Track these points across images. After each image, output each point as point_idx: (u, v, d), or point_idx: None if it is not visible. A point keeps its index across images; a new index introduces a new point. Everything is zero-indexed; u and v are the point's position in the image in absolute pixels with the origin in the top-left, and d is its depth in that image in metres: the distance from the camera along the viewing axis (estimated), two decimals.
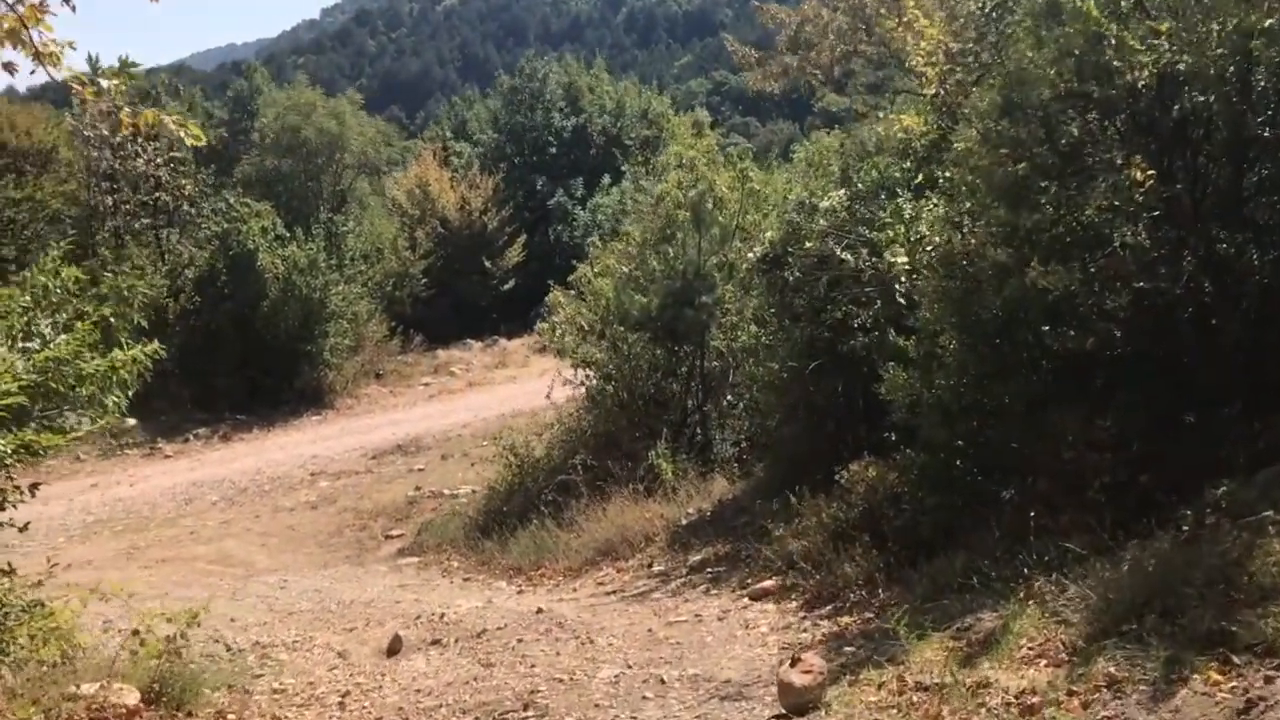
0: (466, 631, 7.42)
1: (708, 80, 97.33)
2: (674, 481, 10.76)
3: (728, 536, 8.82)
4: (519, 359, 26.49)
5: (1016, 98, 6.92)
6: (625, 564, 9.20)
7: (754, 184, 13.37)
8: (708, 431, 12.58)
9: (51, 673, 5.36)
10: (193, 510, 15.31)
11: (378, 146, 32.89)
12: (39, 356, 4.70)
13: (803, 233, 9.70)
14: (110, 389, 5.18)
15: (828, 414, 9.12)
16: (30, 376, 4.64)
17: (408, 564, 11.82)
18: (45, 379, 4.65)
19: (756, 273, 10.12)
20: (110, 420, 5.25)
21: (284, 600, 10.18)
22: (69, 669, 5.42)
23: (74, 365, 4.80)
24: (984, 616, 5.08)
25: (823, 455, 8.97)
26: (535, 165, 35.69)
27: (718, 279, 12.55)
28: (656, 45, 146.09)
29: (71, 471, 18.00)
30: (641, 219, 14.47)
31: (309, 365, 22.44)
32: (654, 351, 12.87)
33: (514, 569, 10.30)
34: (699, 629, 6.64)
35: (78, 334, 4.90)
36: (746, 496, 9.59)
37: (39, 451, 4.86)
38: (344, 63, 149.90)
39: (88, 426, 5.03)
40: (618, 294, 12.78)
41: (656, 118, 37.71)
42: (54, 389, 4.72)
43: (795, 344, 9.18)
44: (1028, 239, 6.79)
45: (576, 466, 11.63)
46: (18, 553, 13.42)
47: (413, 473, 16.54)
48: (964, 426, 7.22)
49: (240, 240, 21.69)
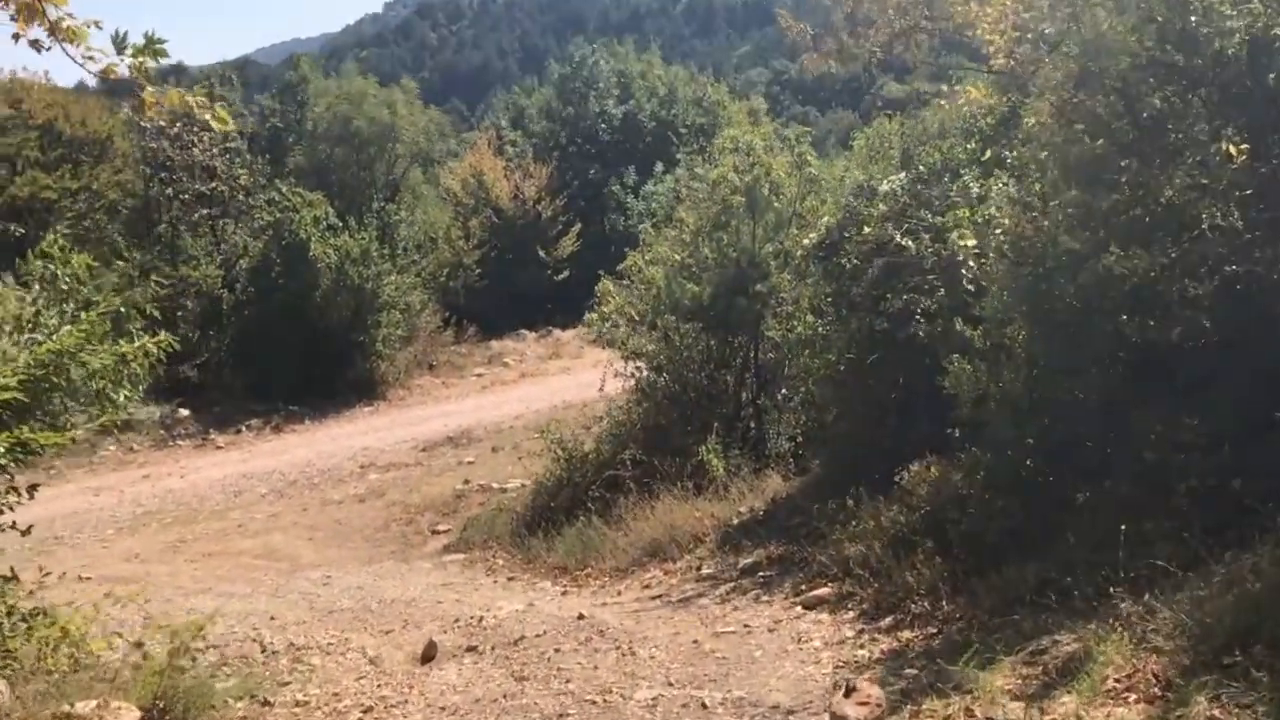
0: (504, 638, 7.07)
1: (767, 70, 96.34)
2: (725, 479, 10.31)
3: (781, 538, 8.36)
4: (573, 350, 26.17)
5: (1093, 68, 6.37)
6: (673, 566, 8.78)
7: (812, 169, 12.83)
8: (761, 426, 12.12)
9: (60, 684, 5.08)
10: (241, 503, 15.22)
11: (431, 136, 32.70)
12: (40, 349, 4.39)
13: (861, 218, 9.21)
14: (121, 383, 4.86)
15: (887, 409, 8.60)
16: (31, 370, 4.33)
17: (452, 561, 11.54)
18: (47, 372, 4.34)
19: (812, 260, 9.63)
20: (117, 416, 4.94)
21: (325, 598, 9.95)
22: (81, 679, 5.13)
23: (79, 358, 4.49)
24: (1061, 639, 4.57)
25: (882, 453, 8.48)
26: (588, 153, 35.30)
27: (773, 267, 12.06)
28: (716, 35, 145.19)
29: (124, 462, 18.05)
30: (695, 206, 14.02)
31: (361, 356, 22.32)
32: (706, 342, 12.43)
33: (559, 568, 9.95)
34: (748, 641, 6.20)
35: (84, 324, 4.59)
36: (802, 495, 9.11)
37: (37, 450, 4.55)
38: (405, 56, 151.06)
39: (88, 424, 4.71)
40: (669, 282, 12.34)
41: (711, 105, 37.10)
42: (57, 384, 4.41)
43: (853, 334, 8.68)
44: (1105, 221, 6.24)
45: (625, 462, 11.24)
46: (67, 544, 13.51)
47: (462, 465, 16.30)
48: (1034, 423, 6.70)
49: (292, 230, 21.60)
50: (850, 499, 7.48)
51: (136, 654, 5.27)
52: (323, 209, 22.51)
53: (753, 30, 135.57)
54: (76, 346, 4.50)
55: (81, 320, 4.60)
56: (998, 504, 6.52)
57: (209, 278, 22.47)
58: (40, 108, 20.90)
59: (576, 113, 35.80)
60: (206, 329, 22.67)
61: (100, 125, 22.35)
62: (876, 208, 9.15)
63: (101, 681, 5.10)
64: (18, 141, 20.31)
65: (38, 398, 4.41)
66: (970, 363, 7.03)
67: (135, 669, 5.18)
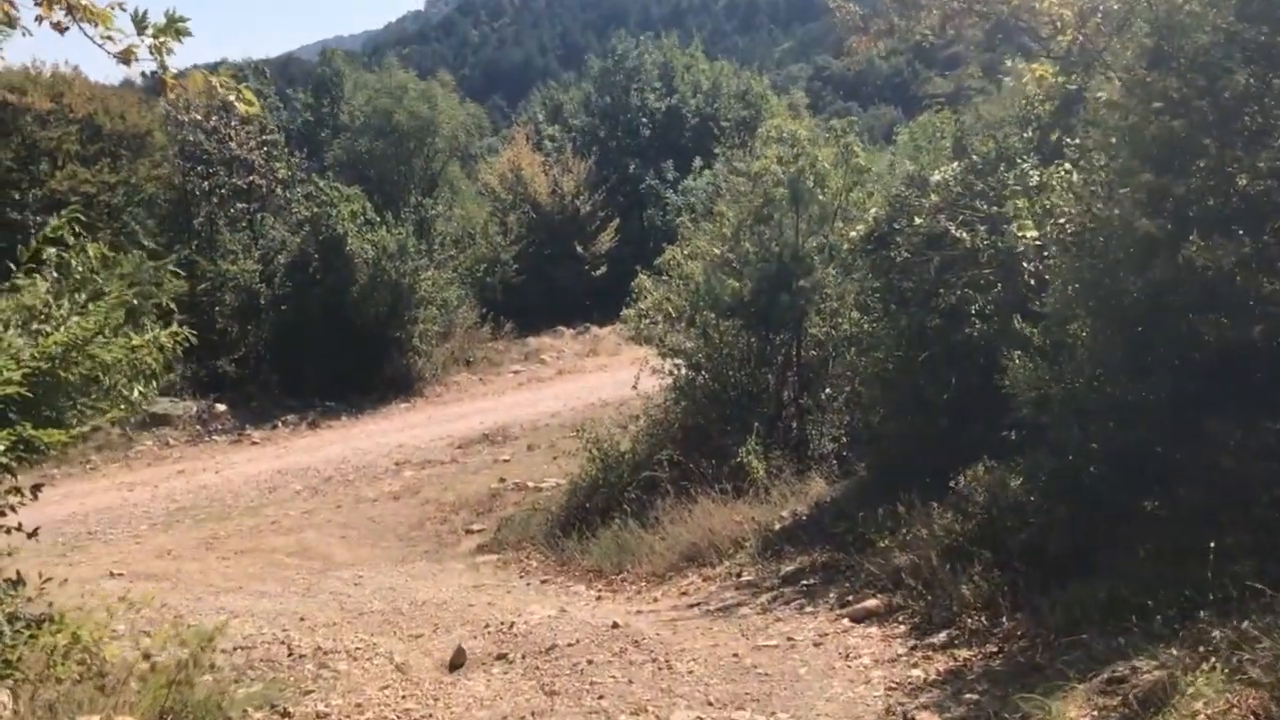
0: (535, 646, 6.75)
1: (808, 65, 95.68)
2: (766, 481, 9.94)
3: (825, 544, 7.96)
4: (610, 347, 25.87)
5: (1166, 46, 5.94)
6: (712, 571, 8.42)
7: (859, 159, 12.40)
8: (804, 427, 11.72)
9: (70, 694, 4.82)
10: (275, 499, 15.07)
11: (470, 130, 32.49)
12: (47, 341, 4.13)
13: (911, 209, 8.79)
14: (136, 378, 4.59)
15: (938, 410, 8.18)
16: (36, 364, 4.06)
17: (486, 562, 11.28)
18: (54, 366, 4.08)
19: (859, 253, 9.22)
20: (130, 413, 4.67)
21: (356, 599, 9.72)
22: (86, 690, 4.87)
23: (87, 351, 4.22)
24: (1141, 665, 4.16)
25: (933, 456, 8.08)
26: (628, 148, 34.94)
27: (817, 262, 11.67)
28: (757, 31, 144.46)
29: (159, 458, 17.99)
30: (736, 199, 13.65)
31: (398, 352, 22.16)
32: (747, 340, 12.05)
33: (594, 572, 9.64)
34: (791, 656, 5.83)
35: (93, 315, 4.32)
36: (847, 500, 8.71)
37: (40, 449, 4.29)
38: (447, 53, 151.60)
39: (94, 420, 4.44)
40: (709, 278, 11.98)
41: (755, 99, 36.61)
42: (64, 379, 4.14)
43: (903, 332, 8.28)
44: (1180, 208, 5.81)
45: (662, 462, 10.89)
46: (100, 540, 13.41)
47: (498, 463, 16.06)
48: (1099, 426, 6.28)
49: (329, 224, 21.46)
50: (900, 505, 7.07)
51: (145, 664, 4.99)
52: (360, 204, 22.36)
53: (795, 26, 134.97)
54: (86, 338, 4.23)
55: (92, 310, 4.33)
56: (1059, 513, 6.11)
57: (246, 272, 22.41)
58: (80, 102, 20.91)
59: (617, 106, 35.45)
60: (244, 324, 22.62)
61: (139, 119, 22.35)
62: (928, 199, 8.74)
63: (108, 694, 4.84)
64: (58, 136, 20.32)
65: (44, 393, 4.15)
66: (1030, 361, 6.62)
67: (142, 680, 4.91)
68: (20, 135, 20.01)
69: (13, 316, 4.43)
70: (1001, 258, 7.43)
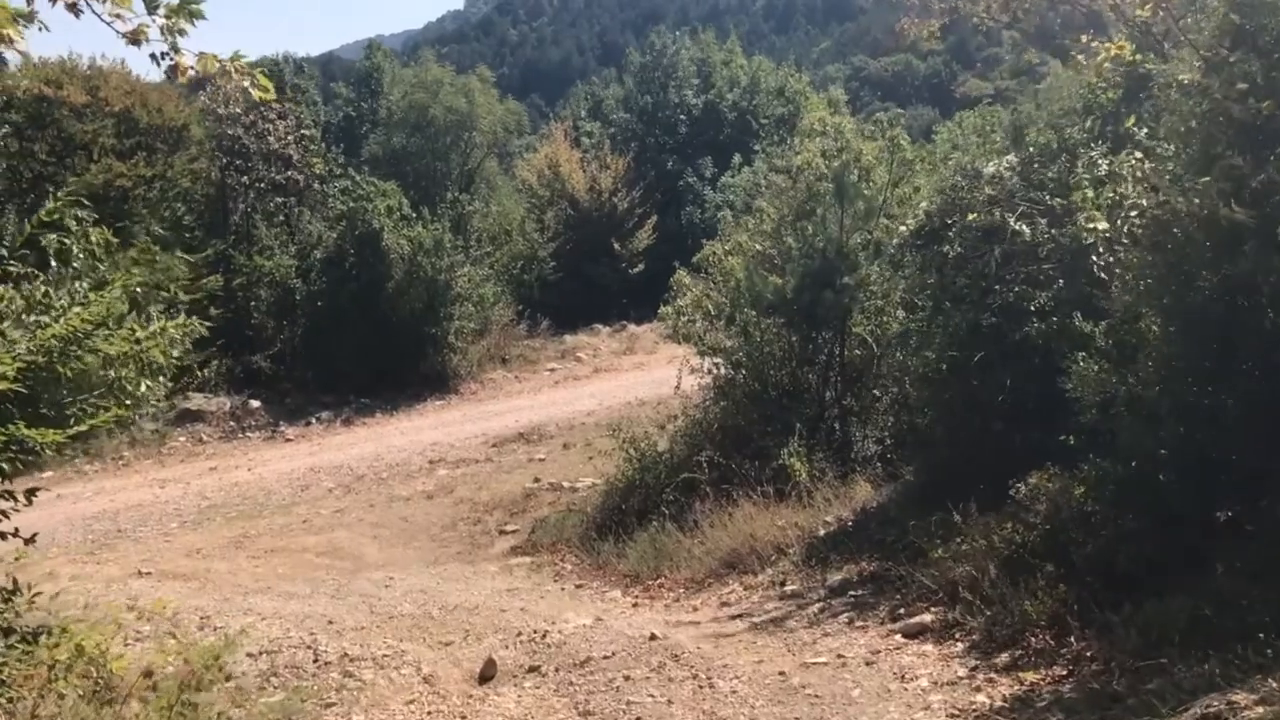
0: (569, 659, 6.43)
1: (845, 65, 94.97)
2: (809, 484, 9.56)
3: (873, 553, 7.57)
4: (647, 345, 25.54)
5: (1248, 25, 5.51)
6: (753, 579, 8.05)
7: (905, 153, 11.98)
8: (847, 428, 11.33)
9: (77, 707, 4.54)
10: (307, 497, 14.88)
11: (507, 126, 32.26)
12: (45, 333, 3.85)
13: (965, 203, 8.38)
14: (143, 373, 4.31)
15: (993, 413, 7.77)
16: (33, 358, 3.79)
17: (519, 564, 10.99)
18: (51, 360, 3.80)
19: (909, 249, 8.82)
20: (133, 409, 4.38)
21: (386, 601, 9.47)
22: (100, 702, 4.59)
23: (87, 344, 3.94)
24: (1238, 698, 3.75)
25: (986, 461, 7.68)
26: (666, 145, 34.59)
27: (862, 259, 11.27)
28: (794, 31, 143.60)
29: (192, 454, 17.88)
30: (777, 195, 13.27)
31: (433, 349, 21.94)
32: (789, 338, 11.68)
33: (630, 577, 9.31)
34: (843, 676, 5.45)
35: (95, 305, 4.04)
36: (895, 505, 8.32)
37: (36, 449, 4.00)
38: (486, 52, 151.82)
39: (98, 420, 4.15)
40: (750, 274, 11.61)
41: (793, 95, 36.14)
42: (62, 374, 3.87)
43: (956, 330, 7.87)
44: (1262, 197, 5.38)
45: (701, 464, 10.54)
46: (129, 538, 13.26)
47: (533, 462, 15.78)
48: (1169, 431, 5.86)
49: (365, 220, 21.28)
50: (956, 513, 6.66)
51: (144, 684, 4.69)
52: (396, 199, 22.17)
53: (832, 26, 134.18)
54: (87, 330, 3.95)
55: (93, 300, 4.04)
56: (1129, 524, 5.70)
57: (282, 267, 22.29)
58: (116, 95, 20.84)
59: (655, 103, 35.11)
60: (280, 319, 22.51)
61: (176, 113, 22.27)
62: (982, 191, 8.33)
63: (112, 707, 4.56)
64: (94, 129, 20.26)
65: (41, 389, 3.88)
66: (1094, 362, 6.21)
67: (143, 701, 4.63)
68: (56, 128, 19.97)
69: (6, 308, 4.16)
70: (1062, 252, 7.01)
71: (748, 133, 34.00)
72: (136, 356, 4.27)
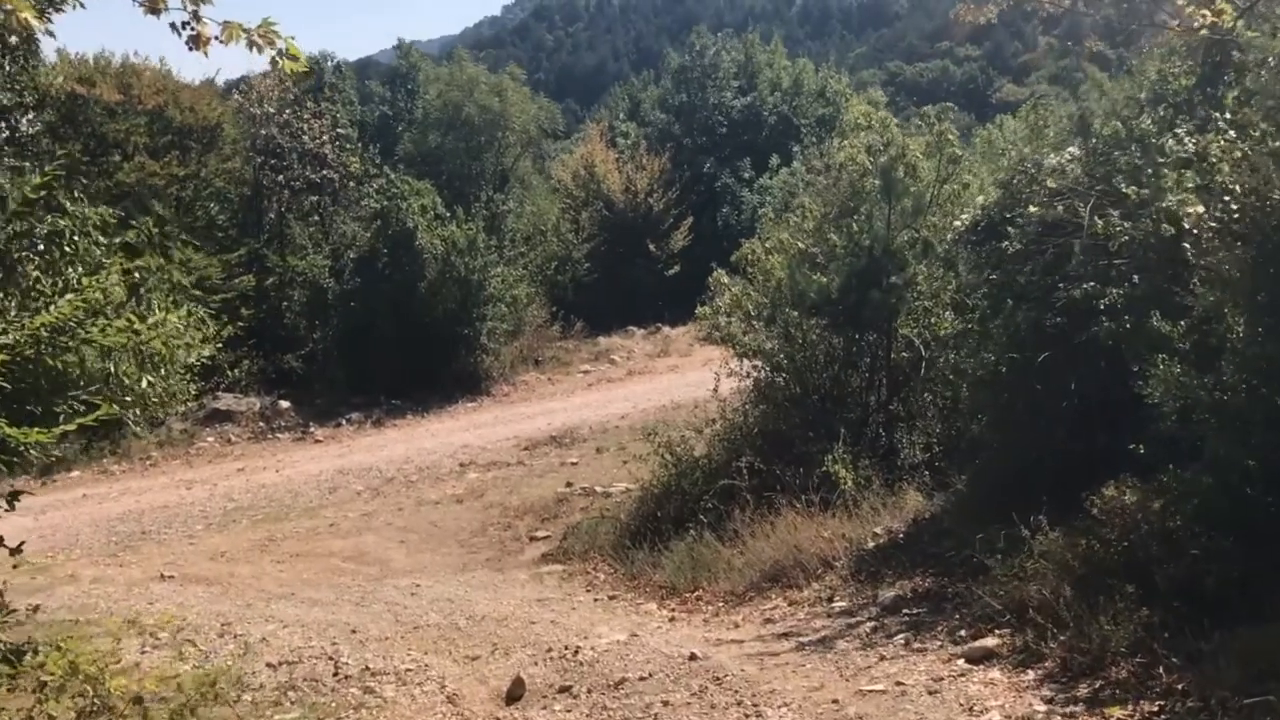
0: (602, 679, 5.99)
1: (882, 71, 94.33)
2: (855, 493, 9.06)
3: (928, 567, 7.07)
4: (682, 347, 25.10)
5: None
6: (799, 594, 7.56)
7: (954, 148, 11.45)
8: (893, 434, 10.83)
9: None
10: (335, 500, 14.57)
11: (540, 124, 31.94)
12: (34, 322, 3.47)
13: (1025, 195, 7.88)
14: (144, 367, 3.92)
15: (1056, 418, 7.25)
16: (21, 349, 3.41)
17: (550, 572, 10.59)
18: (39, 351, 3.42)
19: (964, 244, 8.32)
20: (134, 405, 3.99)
21: (412, 610, 9.11)
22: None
23: (79, 334, 3.56)
24: None
25: (1046, 469, 7.17)
26: (703, 146, 34.13)
27: (910, 257, 10.76)
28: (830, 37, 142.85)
29: (220, 455, 17.65)
30: (820, 193, 12.78)
31: (466, 350, 21.63)
32: (832, 340, 11.18)
33: (666, 588, 8.86)
34: (903, 707, 4.96)
35: (89, 290, 3.65)
36: (948, 516, 7.81)
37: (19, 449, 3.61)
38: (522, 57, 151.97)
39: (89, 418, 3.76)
40: (792, 273, 11.13)
41: (834, 96, 35.57)
42: (51, 366, 3.49)
43: (1017, 330, 7.36)
44: None
45: (741, 470, 10.06)
46: (154, 540, 12.98)
47: (565, 466, 15.40)
48: (1259, 441, 5.34)
49: (399, 219, 21.00)
50: (1024, 526, 6.15)
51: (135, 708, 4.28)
52: (430, 198, 21.89)
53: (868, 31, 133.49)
54: (79, 319, 3.57)
55: (86, 287, 3.66)
56: (1217, 542, 5.19)
57: (315, 267, 22.08)
58: (149, 94, 20.73)
59: (693, 103, 34.66)
60: (312, 319, 22.30)
61: (210, 112, 22.14)
62: (1044, 183, 7.83)
63: None
64: (126, 127, 20.13)
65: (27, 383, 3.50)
66: (1174, 365, 5.70)
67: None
68: (89, 126, 19.85)
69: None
70: (1136, 246, 6.50)
71: (788, 135, 33.47)
72: (135, 349, 3.88)
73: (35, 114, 19.47)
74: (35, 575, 11.89)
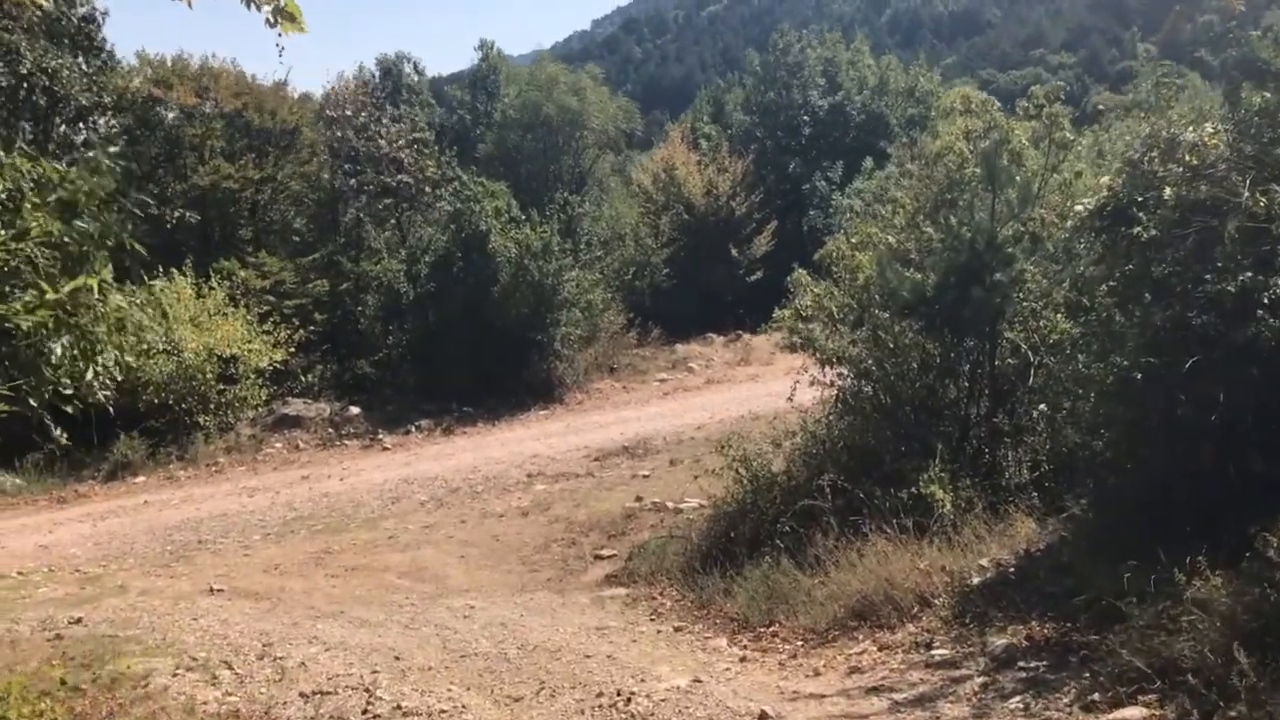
0: None
1: (973, 79, 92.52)
2: (955, 517, 7.99)
3: (1046, 611, 5.97)
4: (763, 355, 24.07)
5: None
6: (890, 637, 6.50)
7: (1065, 132, 10.27)
8: (996, 451, 9.68)
9: None
10: (397, 511, 13.95)
11: (619, 124, 31.23)
12: None
13: (1159, 177, 6.77)
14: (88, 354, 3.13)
15: (1202, 434, 6.11)
16: None
17: (613, 596, 9.71)
18: None
19: (1086, 232, 7.22)
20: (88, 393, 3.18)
21: (462, 635, 8.35)
22: None
23: None
24: None
25: (1187, 495, 6.06)
26: (788, 147, 33.04)
27: (1017, 252, 9.62)
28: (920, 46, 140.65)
29: (287, 461, 17.19)
30: (913, 185, 11.73)
31: (539, 356, 20.94)
32: (926, 345, 10.10)
33: (738, 620, 7.91)
34: None
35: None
36: (1068, 548, 6.70)
37: None
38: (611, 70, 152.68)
39: None
40: (882, 270, 10.06)
41: (924, 95, 34.17)
42: None
43: (1155, 331, 6.24)
44: None
45: (823, 489, 9.03)
46: (209, 550, 12.42)
47: (636, 479, 14.54)
48: None
49: (472, 221, 20.39)
50: (1176, 567, 5.04)
51: None
52: (505, 200, 21.27)
53: (959, 40, 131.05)
54: None
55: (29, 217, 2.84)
56: None
57: (390, 271, 21.63)
58: (227, 96, 20.51)
59: (778, 104, 33.59)
60: (386, 324, 21.86)
61: (289, 116, 21.88)
62: (1180, 163, 6.72)
63: None
64: (203, 131, 19.91)
65: None
66: None
67: None
68: (165, 129, 19.68)
69: None
70: None
71: (876, 134, 32.22)
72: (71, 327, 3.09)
73: (113, 115, 19.39)
74: (85, 585, 11.48)
